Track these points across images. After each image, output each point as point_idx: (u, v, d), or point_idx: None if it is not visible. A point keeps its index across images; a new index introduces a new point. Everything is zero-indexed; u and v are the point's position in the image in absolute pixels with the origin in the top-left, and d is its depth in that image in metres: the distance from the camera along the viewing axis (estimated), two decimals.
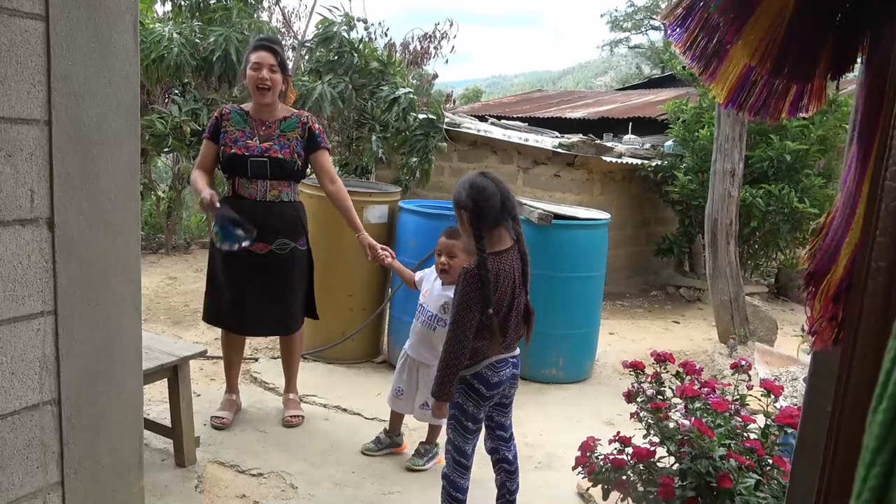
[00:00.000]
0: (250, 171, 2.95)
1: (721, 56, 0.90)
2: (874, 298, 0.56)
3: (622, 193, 6.97)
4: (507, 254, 2.17)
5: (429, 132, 5.59)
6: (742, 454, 1.94)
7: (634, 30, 30.42)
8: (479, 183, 2.14)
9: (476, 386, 2.20)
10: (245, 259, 2.95)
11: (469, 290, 2.09)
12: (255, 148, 2.97)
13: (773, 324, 5.13)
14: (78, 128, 1.54)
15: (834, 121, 6.21)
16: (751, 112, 0.93)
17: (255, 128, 3.00)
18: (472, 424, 2.25)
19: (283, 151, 2.99)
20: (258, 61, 2.93)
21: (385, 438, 3.03)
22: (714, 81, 0.92)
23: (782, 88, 0.90)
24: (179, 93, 5.42)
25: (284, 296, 3.09)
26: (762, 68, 0.87)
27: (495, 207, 2.11)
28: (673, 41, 0.94)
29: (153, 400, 3.27)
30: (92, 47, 1.54)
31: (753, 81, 0.90)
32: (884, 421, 0.31)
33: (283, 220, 3.02)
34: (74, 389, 1.63)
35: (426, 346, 2.86)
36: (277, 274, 3.04)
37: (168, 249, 7.14)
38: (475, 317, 2.10)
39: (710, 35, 0.90)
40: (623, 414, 3.55)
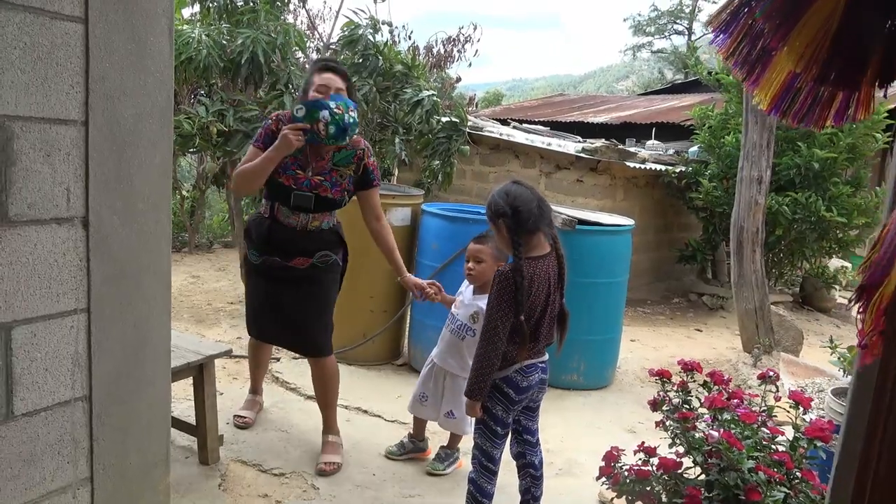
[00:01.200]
0: (293, 203, 2.71)
1: (765, 62, 0.89)
2: None
3: (645, 199, 6.92)
4: (543, 259, 2.17)
5: (451, 135, 5.58)
6: (770, 467, 1.91)
7: (658, 34, 30.23)
8: (515, 190, 2.17)
9: (505, 390, 2.20)
10: (284, 272, 2.79)
11: (503, 294, 2.10)
12: (304, 181, 2.70)
13: (799, 334, 5.05)
14: (113, 129, 1.56)
15: (864, 129, 6.10)
16: (794, 119, 0.91)
17: (307, 155, 2.71)
18: (501, 429, 2.24)
19: (334, 191, 2.74)
20: (325, 84, 2.62)
21: (409, 443, 3.03)
22: (757, 87, 0.91)
23: (827, 96, 0.88)
24: (206, 93, 5.48)
25: (319, 312, 2.88)
26: (807, 75, 0.86)
27: (533, 213, 2.13)
28: (717, 46, 0.93)
29: (177, 397, 3.30)
30: (129, 49, 1.56)
31: (798, 88, 0.89)
32: None
33: (323, 242, 2.83)
34: (105, 387, 1.65)
35: (454, 354, 2.83)
36: (317, 287, 2.84)
37: (191, 248, 7.22)
38: (508, 319, 2.11)
39: (754, 41, 0.89)
40: (645, 422, 3.52)
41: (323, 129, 2.54)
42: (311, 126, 2.54)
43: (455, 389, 2.82)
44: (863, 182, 6.43)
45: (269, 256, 2.81)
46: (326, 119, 2.53)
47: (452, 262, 3.87)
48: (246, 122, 4.87)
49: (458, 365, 2.82)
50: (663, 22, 29.52)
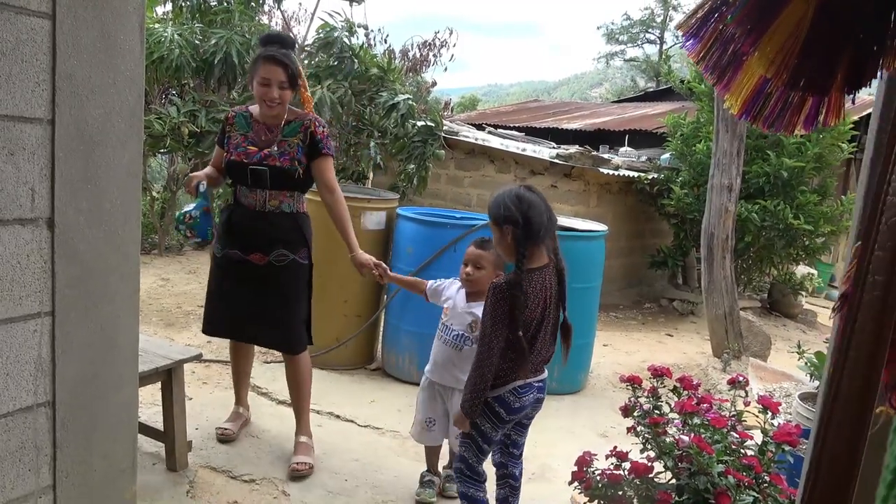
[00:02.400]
0: (250, 180, 2.80)
1: (736, 67, 0.90)
2: (868, 312, 0.57)
3: (618, 205, 6.99)
4: (541, 271, 2.09)
5: (427, 139, 5.59)
6: (740, 471, 1.93)
7: (630, 43, 30.69)
8: (529, 198, 2.07)
9: (496, 409, 2.13)
10: (243, 270, 2.83)
11: (498, 308, 2.02)
12: (255, 154, 2.80)
13: (767, 339, 5.14)
14: (81, 128, 1.53)
15: (830, 139, 6.26)
16: (765, 124, 0.92)
17: (257, 133, 2.85)
18: (488, 446, 2.20)
19: (283, 159, 2.79)
20: (267, 76, 2.73)
21: (436, 479, 2.80)
22: (728, 92, 0.92)
23: (798, 101, 0.90)
24: (177, 94, 5.40)
25: (283, 309, 2.89)
26: (778, 80, 0.87)
27: (543, 224, 2.05)
28: (687, 51, 0.94)
29: (144, 402, 3.23)
30: (98, 47, 1.53)
31: (768, 93, 0.90)
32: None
33: (282, 231, 2.83)
34: (69, 392, 1.60)
35: (451, 368, 2.61)
36: (276, 285, 2.85)
37: (161, 250, 7.09)
38: (503, 335, 2.03)
39: (724, 46, 0.90)
40: (617, 426, 3.55)
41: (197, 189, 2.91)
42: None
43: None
44: (829, 191, 6.59)
45: (230, 249, 2.86)
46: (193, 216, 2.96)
47: (427, 267, 3.86)
48: (218, 122, 4.81)
49: (458, 378, 2.56)
50: (635, 31, 29.98)
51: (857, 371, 0.64)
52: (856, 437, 0.67)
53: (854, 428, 0.66)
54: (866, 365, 0.63)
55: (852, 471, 0.68)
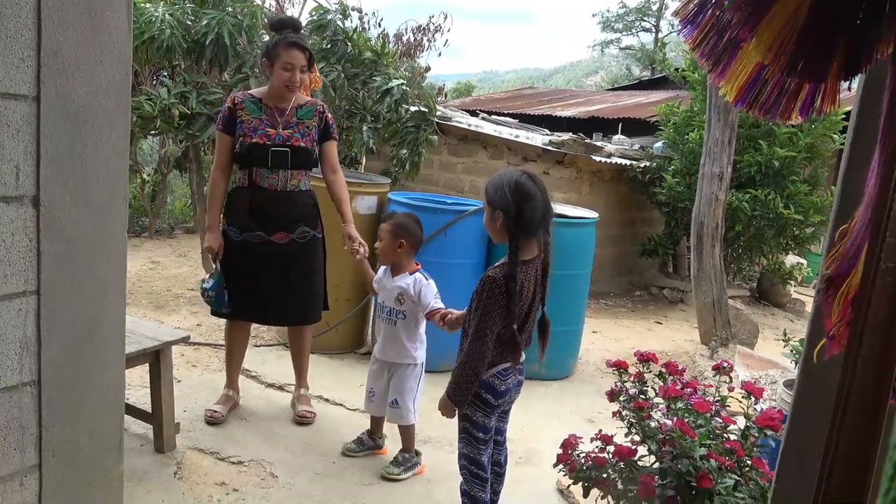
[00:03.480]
0: (271, 161, 2.89)
1: (732, 54, 0.90)
2: (882, 298, 0.57)
3: (610, 193, 7.00)
4: (531, 263, 2.08)
5: (420, 125, 5.56)
6: (722, 455, 1.96)
7: (625, 31, 30.57)
8: (528, 189, 2.00)
9: (484, 396, 2.13)
10: (266, 249, 2.94)
11: (494, 301, 2.00)
12: (277, 136, 2.91)
13: (755, 327, 5.18)
14: (67, 105, 1.52)
15: (822, 129, 6.27)
16: (761, 111, 0.92)
17: (271, 116, 2.93)
18: (484, 434, 2.18)
19: (305, 140, 2.96)
20: (291, 62, 2.86)
21: (368, 440, 2.96)
22: (723, 79, 0.92)
23: (794, 88, 0.90)
24: (168, 75, 5.35)
25: (307, 284, 3.08)
26: (775, 67, 0.87)
27: (536, 218, 2.00)
28: (683, 38, 0.94)
29: (133, 385, 3.23)
30: (84, 23, 1.51)
31: (765, 80, 0.90)
32: None
33: (304, 209, 3.02)
34: (55, 371, 1.60)
35: (390, 343, 2.81)
36: (300, 262, 3.03)
37: (151, 233, 7.07)
38: (497, 326, 2.02)
39: (721, 32, 0.89)
40: (604, 412, 3.58)
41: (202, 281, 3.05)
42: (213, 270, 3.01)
43: (398, 378, 2.80)
44: (820, 181, 6.62)
45: (251, 232, 2.94)
46: (206, 282, 3.01)
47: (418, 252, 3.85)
48: (209, 104, 4.77)
49: (397, 353, 2.80)
50: (631, 19, 29.85)
51: (872, 358, 0.64)
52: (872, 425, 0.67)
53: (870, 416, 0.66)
54: (881, 352, 0.63)
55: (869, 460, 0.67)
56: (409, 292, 2.73)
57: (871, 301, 0.58)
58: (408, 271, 2.78)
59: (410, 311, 2.76)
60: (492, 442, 2.24)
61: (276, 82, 2.92)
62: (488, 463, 2.21)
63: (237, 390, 3.25)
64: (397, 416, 2.82)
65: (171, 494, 2.45)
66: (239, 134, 2.92)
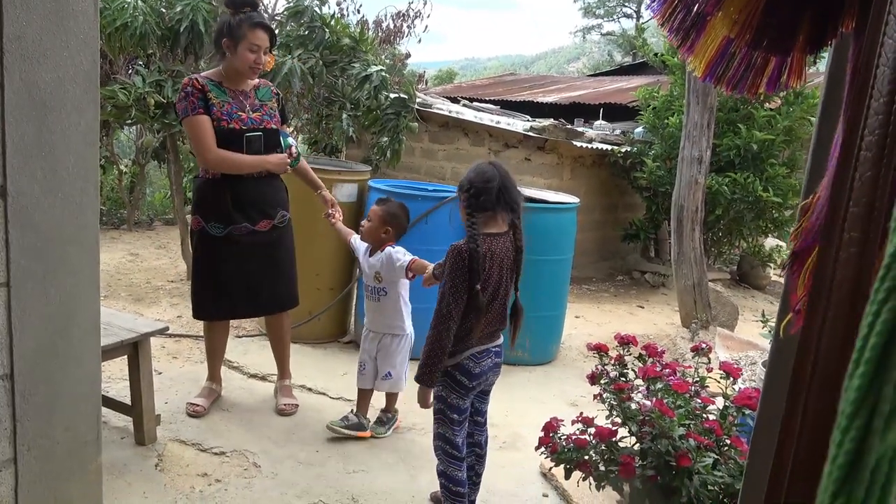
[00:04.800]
0: (245, 147, 2.82)
1: (700, 28, 0.90)
2: (846, 268, 0.57)
3: (591, 178, 7.02)
4: (499, 238, 2.15)
5: (400, 112, 5.52)
6: (701, 434, 1.98)
7: (607, 17, 30.57)
8: (484, 169, 2.17)
9: (458, 377, 2.16)
10: (252, 239, 2.91)
11: (456, 268, 2.06)
12: (248, 120, 2.86)
13: (735, 309, 5.24)
14: (33, 92, 1.48)
15: (800, 112, 6.32)
16: (728, 85, 0.93)
17: (236, 98, 2.87)
18: (459, 416, 2.21)
19: (274, 121, 2.95)
20: (257, 43, 2.79)
21: (353, 417, 3.00)
22: (692, 54, 0.92)
23: (761, 62, 0.90)
24: (143, 64, 5.25)
25: (290, 266, 3.11)
26: (741, 41, 0.87)
27: (490, 193, 2.12)
28: (652, 13, 0.93)
29: (113, 378, 3.20)
30: (49, 7, 1.48)
31: (732, 54, 0.90)
32: (860, 385, 0.32)
33: (280, 192, 3.03)
34: (28, 364, 1.58)
35: (379, 317, 2.98)
36: (283, 247, 3.05)
37: (130, 225, 6.98)
38: (462, 296, 2.07)
39: (688, 6, 0.89)
40: (587, 396, 3.60)
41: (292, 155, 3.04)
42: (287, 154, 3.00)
43: (388, 348, 2.96)
44: (798, 164, 6.68)
45: (236, 225, 2.88)
46: (293, 150, 3.03)
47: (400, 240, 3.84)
48: None
49: (385, 324, 2.96)
50: (612, 5, 29.84)
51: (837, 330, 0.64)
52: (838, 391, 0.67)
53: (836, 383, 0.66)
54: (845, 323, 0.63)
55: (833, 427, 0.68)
56: (382, 268, 2.89)
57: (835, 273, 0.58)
58: (380, 250, 2.92)
59: (390, 286, 2.91)
60: (466, 423, 2.27)
61: (239, 64, 2.80)
62: (463, 444, 2.25)
63: (219, 382, 3.23)
64: (392, 385, 3.00)
65: (152, 486, 2.44)
66: (212, 118, 2.78)
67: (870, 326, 0.32)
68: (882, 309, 0.32)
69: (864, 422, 0.32)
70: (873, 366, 0.32)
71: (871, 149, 0.53)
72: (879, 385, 0.32)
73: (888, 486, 0.31)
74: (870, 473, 0.31)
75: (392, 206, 2.91)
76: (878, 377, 0.32)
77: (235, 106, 2.85)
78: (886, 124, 0.52)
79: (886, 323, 0.32)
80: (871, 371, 0.32)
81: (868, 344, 0.32)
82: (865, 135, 0.54)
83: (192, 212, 3.00)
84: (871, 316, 0.32)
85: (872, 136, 0.53)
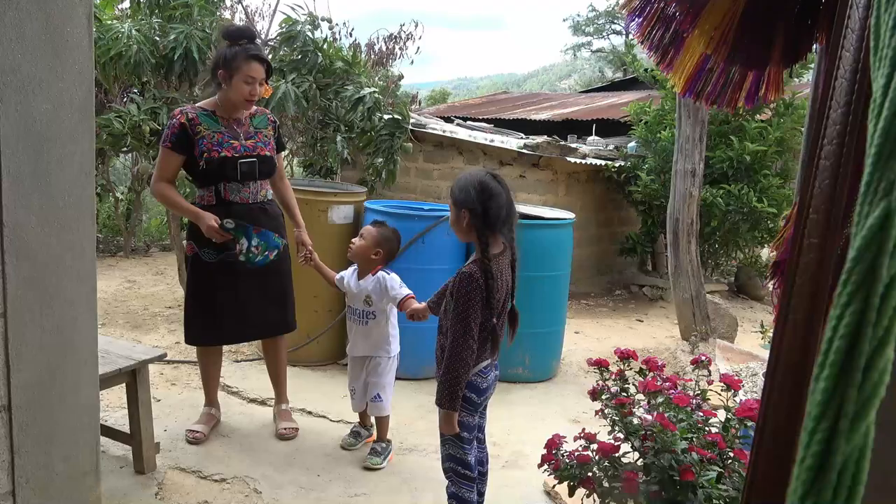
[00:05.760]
0: (241, 174, 2.85)
1: (678, 45, 0.92)
2: (805, 274, 0.57)
3: (586, 194, 7.05)
4: (500, 257, 2.13)
5: (394, 132, 5.55)
6: (704, 448, 1.97)
7: (596, 34, 30.87)
8: (492, 188, 2.08)
9: (468, 395, 2.14)
10: (242, 266, 2.86)
11: (474, 295, 2.03)
12: (241, 147, 2.87)
13: (734, 321, 5.23)
14: (28, 123, 1.49)
15: (791, 123, 6.38)
16: (707, 101, 0.94)
17: (230, 128, 2.89)
18: (469, 433, 2.19)
19: (268, 148, 2.96)
20: (252, 75, 2.80)
21: (363, 431, 3.09)
22: (672, 70, 0.93)
23: (738, 77, 0.91)
24: (138, 91, 5.29)
25: (285, 293, 3.11)
26: (718, 56, 0.89)
27: (500, 216, 2.07)
28: (631, 32, 0.95)
29: (111, 406, 3.18)
30: (43, 39, 1.49)
31: (710, 70, 0.92)
32: (825, 388, 0.33)
33: (276, 218, 3.03)
34: (26, 395, 1.57)
35: (362, 340, 2.96)
36: (278, 273, 3.03)
37: (127, 252, 6.97)
38: (478, 320, 2.05)
39: (666, 24, 0.91)
40: (588, 412, 3.58)
41: (237, 252, 2.80)
42: (231, 239, 2.79)
43: (375, 373, 2.94)
44: (791, 174, 6.72)
45: (229, 251, 2.87)
46: (243, 248, 2.80)
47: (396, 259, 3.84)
48: None
49: (369, 346, 2.95)
50: (601, 22, 30.17)
51: (798, 335, 0.65)
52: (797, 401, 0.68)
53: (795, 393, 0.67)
54: (804, 328, 0.64)
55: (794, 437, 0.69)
56: (375, 291, 2.87)
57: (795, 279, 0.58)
58: (371, 273, 2.90)
59: (379, 310, 2.90)
60: (474, 441, 2.25)
61: (234, 95, 2.82)
62: (475, 463, 2.22)
63: (218, 407, 3.21)
64: (379, 409, 2.97)
65: None
66: (202, 150, 2.80)
67: (833, 330, 0.33)
68: (845, 312, 0.33)
69: (831, 424, 0.32)
70: (838, 368, 0.33)
71: (830, 157, 0.54)
72: (844, 387, 0.33)
73: (855, 487, 0.32)
74: (837, 474, 0.32)
75: (387, 230, 2.92)
76: (843, 379, 0.33)
77: (228, 135, 2.87)
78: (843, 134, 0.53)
79: (849, 326, 0.33)
80: (835, 374, 0.33)
81: (832, 347, 0.33)
82: (825, 144, 0.55)
83: (186, 237, 3.02)
84: (834, 319, 0.33)
85: (831, 145, 0.54)
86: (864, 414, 0.32)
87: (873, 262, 0.32)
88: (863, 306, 0.32)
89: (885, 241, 0.32)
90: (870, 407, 0.32)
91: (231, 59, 2.80)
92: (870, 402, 0.32)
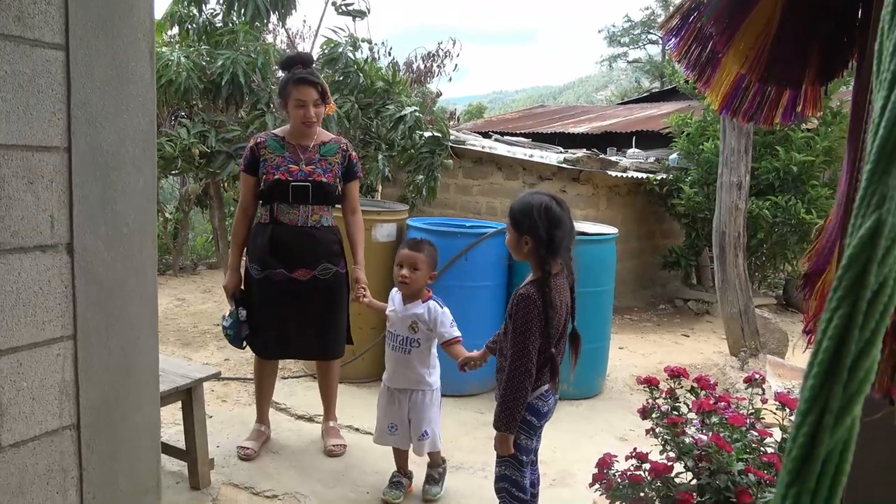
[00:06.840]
0: (291, 196, 2.92)
1: (714, 64, 0.92)
2: None
3: (627, 207, 6.98)
4: (558, 277, 2.13)
5: (434, 150, 5.61)
6: (760, 469, 1.93)
7: (632, 45, 30.67)
8: (558, 215, 2.08)
9: (528, 418, 2.14)
10: (287, 286, 2.95)
11: (532, 318, 2.03)
12: (299, 172, 2.94)
13: (784, 336, 5.10)
14: (96, 154, 1.57)
15: (839, 132, 6.22)
16: (744, 118, 0.94)
17: (294, 153, 2.98)
18: (527, 457, 2.19)
19: (327, 175, 2.99)
20: (302, 98, 2.89)
21: (404, 480, 2.85)
22: (708, 88, 0.94)
23: (774, 95, 0.91)
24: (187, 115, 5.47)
25: (327, 320, 3.07)
26: (753, 75, 0.89)
27: (564, 243, 2.08)
28: (669, 49, 0.96)
29: (166, 422, 3.26)
30: (110, 75, 1.57)
31: (746, 88, 0.92)
32: (813, 385, 0.35)
33: (326, 245, 3.02)
34: (93, 414, 1.63)
35: (405, 371, 2.73)
36: (321, 299, 3.02)
37: (175, 271, 7.17)
38: (537, 342, 2.05)
39: (703, 44, 0.92)
40: (636, 429, 3.54)
41: (222, 318, 3.17)
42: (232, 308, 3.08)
43: (420, 406, 2.72)
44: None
45: (272, 270, 2.95)
46: (225, 317, 3.10)
47: (439, 276, 3.87)
48: (228, 142, 4.87)
49: (414, 378, 2.71)
50: (637, 32, 29.97)
51: None
52: None
53: None
54: None
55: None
56: (423, 319, 2.67)
57: None
58: (420, 299, 2.70)
59: (424, 339, 2.69)
60: (531, 464, 2.25)
61: (292, 120, 2.98)
62: (529, 486, 2.21)
63: (268, 424, 3.27)
64: (431, 445, 2.77)
65: None
66: (262, 172, 2.96)
67: (823, 332, 0.35)
68: (834, 315, 0.35)
69: (816, 418, 0.35)
70: (825, 367, 0.35)
71: None
72: (830, 384, 0.35)
73: (837, 477, 0.35)
74: (820, 465, 0.35)
75: (430, 248, 2.70)
76: (830, 377, 0.35)
77: (290, 159, 2.96)
78: None
79: (837, 328, 0.35)
80: (823, 372, 0.35)
81: (821, 347, 0.35)
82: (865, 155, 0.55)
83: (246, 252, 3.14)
84: (824, 322, 0.35)
85: None
86: (848, 410, 0.35)
87: (863, 268, 0.35)
88: (851, 310, 0.35)
89: (874, 249, 0.35)
90: (854, 404, 0.35)
91: (283, 87, 2.98)
92: (854, 400, 0.35)
